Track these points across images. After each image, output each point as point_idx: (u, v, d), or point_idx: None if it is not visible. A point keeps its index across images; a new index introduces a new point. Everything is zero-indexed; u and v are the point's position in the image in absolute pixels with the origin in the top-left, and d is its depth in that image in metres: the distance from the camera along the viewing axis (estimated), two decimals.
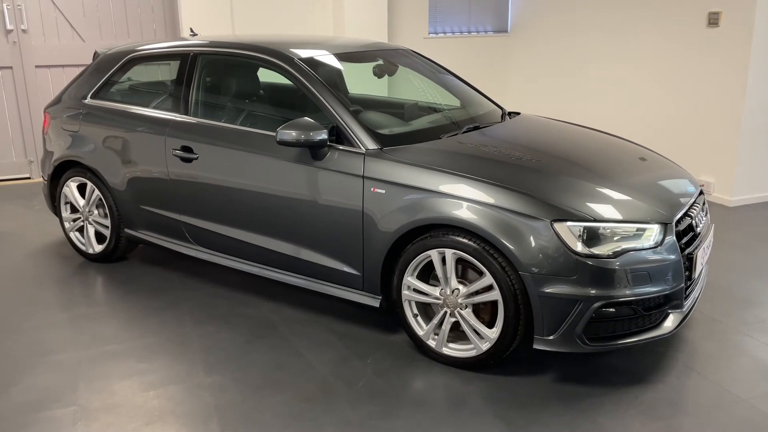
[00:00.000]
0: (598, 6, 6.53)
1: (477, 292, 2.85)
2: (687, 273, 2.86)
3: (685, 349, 3.17)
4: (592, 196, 2.86)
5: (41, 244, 4.64)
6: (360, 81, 4.16)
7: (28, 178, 6.43)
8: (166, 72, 4.35)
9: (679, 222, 2.90)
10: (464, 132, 3.45)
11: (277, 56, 3.50)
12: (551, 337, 2.73)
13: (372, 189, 3.04)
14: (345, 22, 6.64)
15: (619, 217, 2.76)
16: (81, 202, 4.24)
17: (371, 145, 3.13)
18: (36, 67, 6.21)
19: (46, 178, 4.42)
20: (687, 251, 2.88)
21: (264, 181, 3.38)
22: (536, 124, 3.87)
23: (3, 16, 5.98)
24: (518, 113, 4.06)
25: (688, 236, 2.94)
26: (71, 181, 4.24)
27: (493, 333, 2.83)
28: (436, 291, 2.96)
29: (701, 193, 3.33)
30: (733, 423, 2.62)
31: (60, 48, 6.26)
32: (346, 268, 3.21)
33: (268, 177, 3.36)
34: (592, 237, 2.69)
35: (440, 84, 4.18)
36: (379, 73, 4.11)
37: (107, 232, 4.14)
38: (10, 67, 6.13)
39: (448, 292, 2.91)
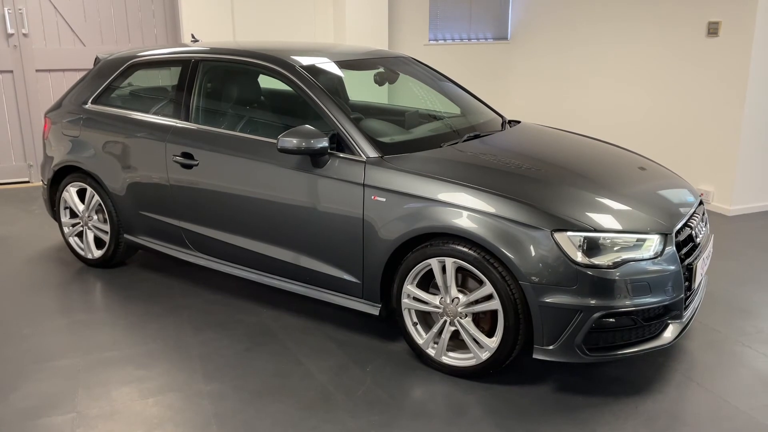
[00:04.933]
0: (598, 14, 6.55)
1: (477, 302, 2.85)
2: (687, 283, 2.86)
3: (685, 359, 3.18)
4: (593, 206, 2.86)
5: (40, 248, 4.64)
6: (361, 88, 4.17)
7: (28, 182, 6.43)
8: (167, 78, 4.35)
9: (679, 232, 2.91)
10: (464, 140, 3.45)
11: (278, 63, 3.50)
12: (551, 347, 2.73)
13: (372, 197, 3.04)
14: (346, 29, 6.65)
15: (619, 227, 2.77)
16: (80, 207, 4.23)
17: (372, 153, 3.13)
18: (37, 71, 6.22)
19: (45, 183, 4.41)
20: (687, 262, 2.88)
21: (264, 188, 3.38)
22: (536, 133, 3.88)
23: (4, 20, 5.98)
24: (518, 122, 4.07)
25: (687, 246, 2.95)
26: (71, 186, 4.23)
27: (493, 342, 2.83)
28: (435, 300, 2.96)
29: (701, 203, 3.34)
30: None
31: (61, 52, 6.26)
32: (346, 276, 3.21)
33: (268, 184, 3.36)
34: (592, 247, 2.69)
35: (441, 92, 4.19)
36: (379, 80, 4.12)
37: (106, 238, 4.14)
38: (11, 71, 6.13)
39: (448, 301, 2.91)
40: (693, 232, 3.02)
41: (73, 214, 4.32)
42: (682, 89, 5.73)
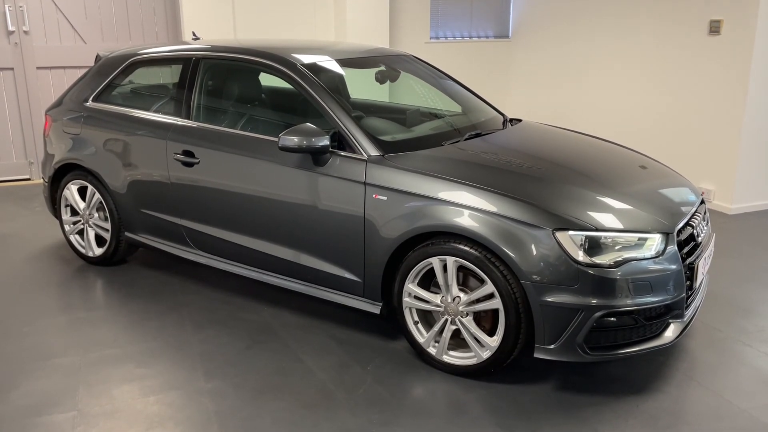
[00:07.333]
0: (599, 12, 6.54)
1: (478, 300, 2.85)
2: (688, 283, 2.85)
3: (686, 358, 3.17)
4: (594, 205, 2.86)
5: (41, 246, 4.64)
6: (362, 87, 4.16)
7: (28, 179, 6.43)
8: (168, 76, 4.35)
9: (680, 231, 2.90)
10: (466, 139, 3.45)
11: (279, 61, 3.50)
12: (552, 346, 2.73)
13: (374, 195, 3.04)
14: (347, 27, 6.64)
15: (620, 226, 2.76)
16: (81, 204, 4.23)
17: (373, 151, 3.13)
18: (37, 68, 6.21)
19: (46, 181, 4.41)
20: (688, 261, 2.88)
21: (265, 186, 3.37)
22: (538, 132, 3.88)
23: (5, 18, 5.98)
24: (520, 120, 4.06)
25: (689, 246, 2.94)
26: (72, 183, 4.23)
27: (494, 341, 2.83)
28: (437, 298, 2.95)
29: (702, 202, 3.33)
30: None
31: (61, 49, 6.26)
32: (347, 275, 3.21)
33: (269, 182, 3.36)
34: (593, 246, 2.69)
35: (442, 90, 4.18)
36: (381, 78, 4.11)
37: (107, 236, 4.14)
38: (12, 69, 6.13)
39: (449, 300, 2.91)
40: (694, 231, 3.02)
41: (74, 212, 4.32)
42: (684, 87, 5.72)
